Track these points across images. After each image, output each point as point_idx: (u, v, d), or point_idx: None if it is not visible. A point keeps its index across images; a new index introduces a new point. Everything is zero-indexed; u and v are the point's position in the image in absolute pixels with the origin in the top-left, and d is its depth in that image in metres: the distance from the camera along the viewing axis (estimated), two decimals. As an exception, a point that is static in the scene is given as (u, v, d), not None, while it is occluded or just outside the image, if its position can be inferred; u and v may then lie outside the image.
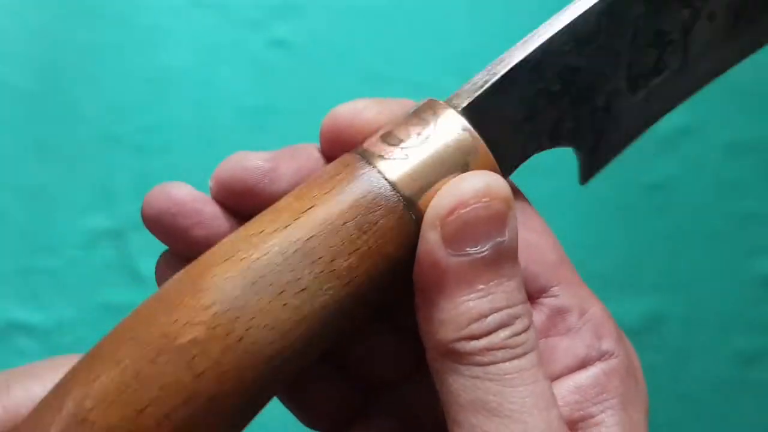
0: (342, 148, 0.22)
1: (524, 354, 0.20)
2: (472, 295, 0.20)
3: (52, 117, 0.59)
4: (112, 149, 0.59)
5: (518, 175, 0.24)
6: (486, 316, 0.19)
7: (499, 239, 0.20)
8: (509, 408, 0.19)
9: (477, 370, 0.19)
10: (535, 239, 0.23)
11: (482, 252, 0.20)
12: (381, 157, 0.21)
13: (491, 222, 0.20)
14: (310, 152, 0.23)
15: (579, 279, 0.23)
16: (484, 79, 0.22)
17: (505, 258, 0.20)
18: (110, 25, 0.60)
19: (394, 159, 0.21)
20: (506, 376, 0.19)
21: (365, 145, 0.22)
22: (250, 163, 0.22)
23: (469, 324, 0.19)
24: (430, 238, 0.20)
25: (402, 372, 0.25)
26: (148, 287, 0.47)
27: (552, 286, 0.23)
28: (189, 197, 0.22)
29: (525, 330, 0.20)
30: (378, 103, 0.23)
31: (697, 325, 0.59)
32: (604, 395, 0.21)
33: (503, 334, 0.20)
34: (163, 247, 0.24)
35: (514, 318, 0.20)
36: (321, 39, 0.60)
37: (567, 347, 0.22)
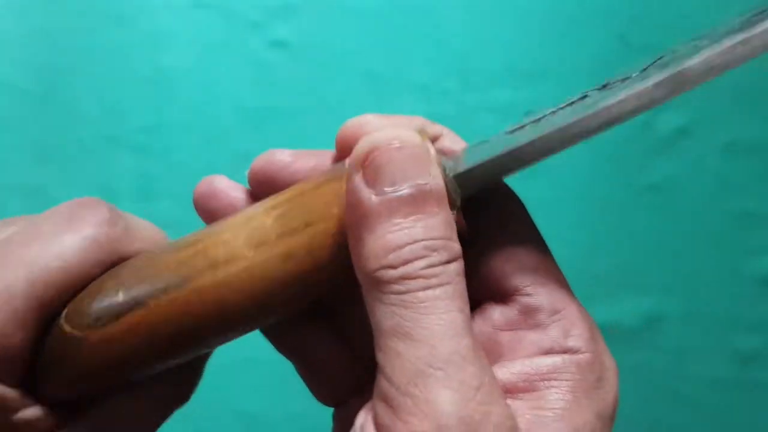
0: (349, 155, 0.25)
1: (439, 285, 0.21)
2: (391, 228, 0.21)
3: (52, 117, 0.59)
4: (112, 149, 0.59)
5: (520, 175, 0.24)
6: (402, 247, 0.21)
7: (420, 181, 0.22)
8: (421, 333, 0.21)
9: (395, 298, 0.21)
10: (513, 242, 0.24)
11: (400, 191, 0.21)
12: None
13: (406, 164, 0.22)
14: (327, 155, 0.26)
15: (560, 282, 0.24)
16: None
17: (428, 198, 0.22)
18: (111, 26, 0.60)
19: None
20: (420, 305, 0.21)
21: None
22: (275, 156, 0.26)
23: (387, 254, 0.21)
24: (354, 179, 0.22)
25: None
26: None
27: (526, 286, 0.24)
28: (224, 184, 0.27)
29: (442, 263, 0.21)
30: (384, 118, 0.25)
31: (697, 325, 0.59)
32: (555, 375, 0.22)
33: (419, 264, 0.21)
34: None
35: (432, 250, 0.21)
36: (321, 39, 0.60)
37: (533, 339, 0.23)
